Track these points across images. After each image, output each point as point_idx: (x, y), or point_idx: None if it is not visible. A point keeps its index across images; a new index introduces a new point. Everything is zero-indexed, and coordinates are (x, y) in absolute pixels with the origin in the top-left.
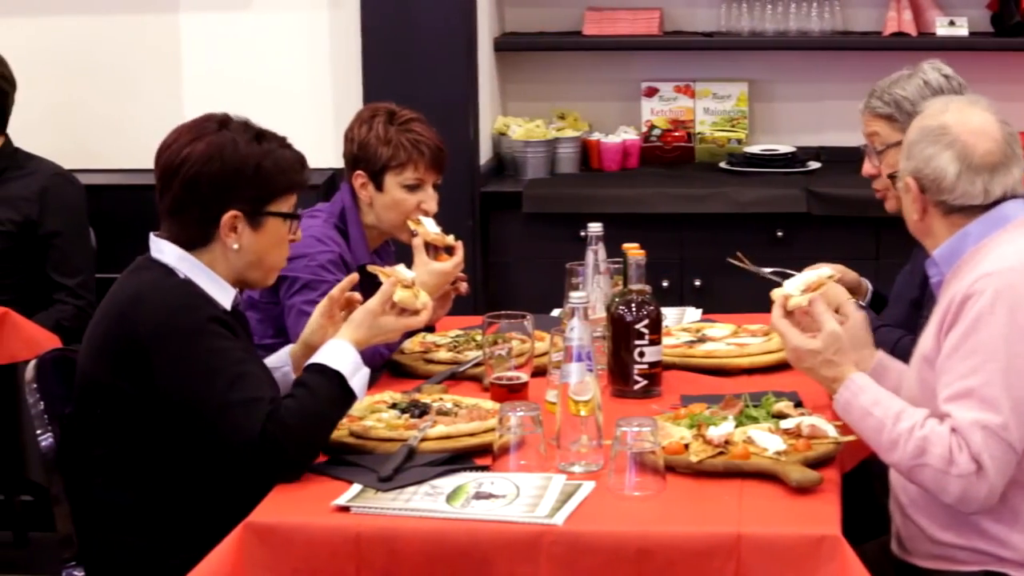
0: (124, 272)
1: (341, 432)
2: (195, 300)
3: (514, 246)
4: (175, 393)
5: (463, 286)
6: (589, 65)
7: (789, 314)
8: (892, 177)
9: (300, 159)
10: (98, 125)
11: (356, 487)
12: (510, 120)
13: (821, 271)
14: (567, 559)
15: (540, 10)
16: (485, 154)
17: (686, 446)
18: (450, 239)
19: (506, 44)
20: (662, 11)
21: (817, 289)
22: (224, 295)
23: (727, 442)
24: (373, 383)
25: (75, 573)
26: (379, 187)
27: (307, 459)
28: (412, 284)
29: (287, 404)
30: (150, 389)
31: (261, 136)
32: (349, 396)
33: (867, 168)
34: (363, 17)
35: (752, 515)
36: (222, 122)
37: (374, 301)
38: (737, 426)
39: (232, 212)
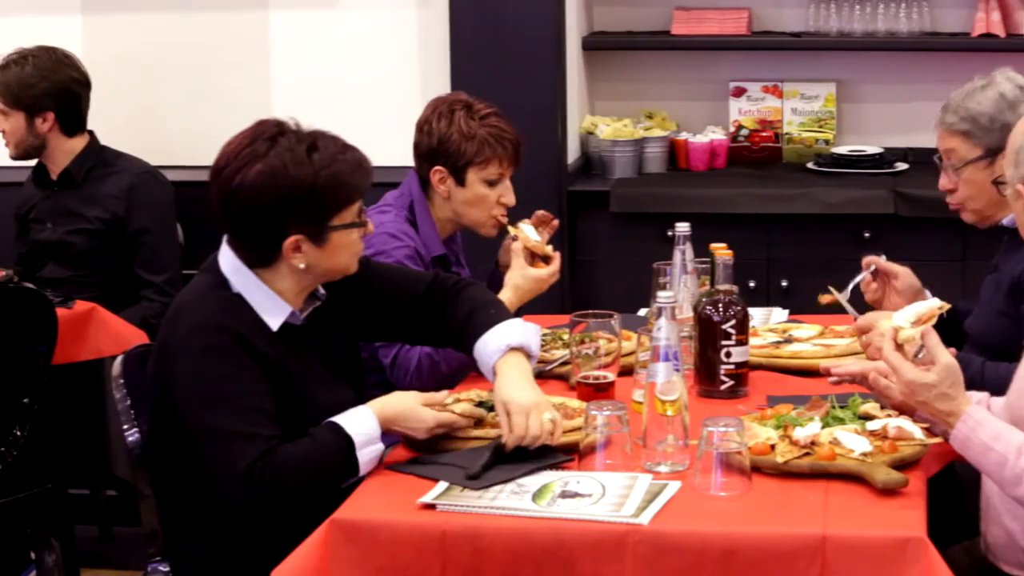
0: (199, 270)
1: None
2: (226, 320)
3: (601, 245)
4: (182, 407)
5: None
6: (677, 65)
7: (899, 347)
8: (997, 183)
9: (358, 163)
10: (188, 122)
11: (442, 485)
12: (598, 119)
13: (932, 303)
14: (652, 558)
15: (628, 9)
16: (573, 153)
17: (772, 447)
18: (548, 248)
19: (594, 43)
20: (750, 11)
21: (928, 321)
22: (276, 314)
23: (813, 443)
24: (459, 382)
25: (160, 568)
26: (460, 182)
27: (285, 507)
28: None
29: (287, 448)
30: (173, 397)
31: (314, 147)
32: (351, 465)
33: (943, 182)
34: (451, 15)
35: (837, 516)
36: (273, 136)
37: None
38: (823, 427)
39: (293, 237)
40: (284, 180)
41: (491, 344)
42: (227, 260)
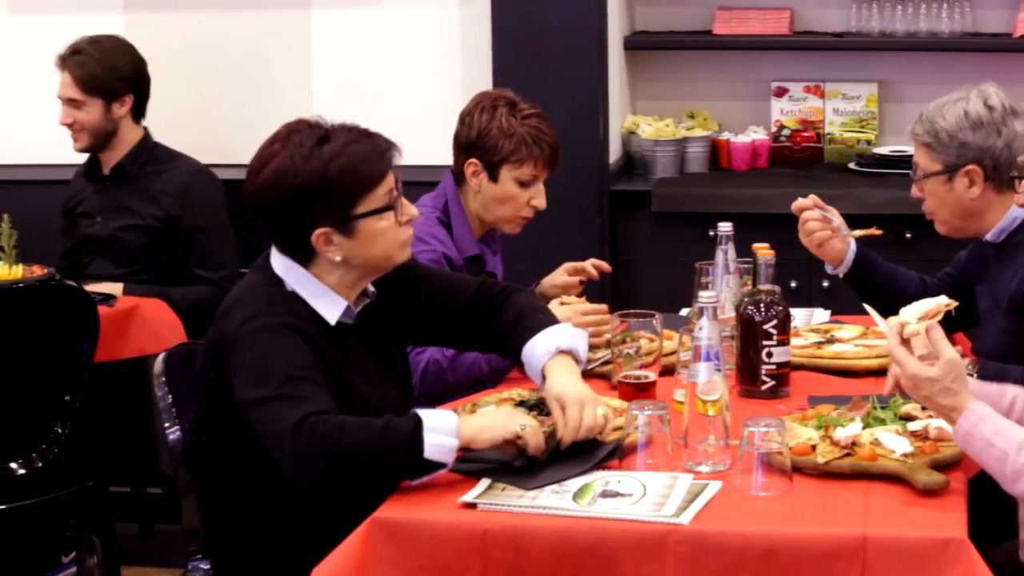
0: (250, 268)
1: None
2: (280, 310)
3: (643, 245)
4: (238, 393)
5: None
6: (719, 64)
7: (905, 342)
8: (1014, 178)
9: (372, 149)
10: (228, 121)
11: (483, 483)
12: (640, 119)
13: (939, 299)
14: (693, 558)
15: (670, 9)
16: (614, 153)
17: (813, 447)
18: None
19: (636, 43)
20: (792, 11)
21: (934, 316)
22: (332, 308)
23: (854, 443)
24: (500, 382)
25: (200, 566)
26: (493, 178)
27: (330, 472)
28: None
29: (347, 417)
30: (230, 389)
31: (325, 139)
32: (414, 444)
33: (913, 191)
34: (493, 15)
35: (878, 517)
36: (287, 135)
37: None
38: (864, 428)
39: (318, 231)
40: (293, 176)
41: (539, 348)
42: (279, 259)
